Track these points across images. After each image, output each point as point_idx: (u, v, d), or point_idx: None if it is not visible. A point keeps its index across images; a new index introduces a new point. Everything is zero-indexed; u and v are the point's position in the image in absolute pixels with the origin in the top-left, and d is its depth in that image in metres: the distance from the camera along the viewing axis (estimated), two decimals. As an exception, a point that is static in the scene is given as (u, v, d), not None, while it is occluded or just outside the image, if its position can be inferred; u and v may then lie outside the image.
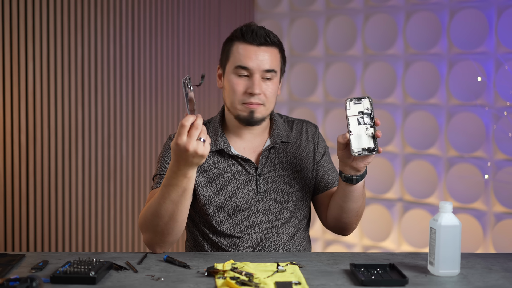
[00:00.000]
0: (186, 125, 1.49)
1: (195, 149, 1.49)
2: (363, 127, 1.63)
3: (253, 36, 1.78)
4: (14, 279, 1.30)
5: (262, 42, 1.78)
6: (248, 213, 1.81)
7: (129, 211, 3.20)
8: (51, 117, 2.82)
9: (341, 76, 3.62)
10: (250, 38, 1.78)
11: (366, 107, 1.63)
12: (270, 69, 1.79)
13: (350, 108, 1.64)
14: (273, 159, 1.86)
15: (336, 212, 1.82)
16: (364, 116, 1.63)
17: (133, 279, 1.46)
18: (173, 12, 3.41)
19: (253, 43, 1.78)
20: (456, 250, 1.50)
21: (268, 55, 1.79)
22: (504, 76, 3.02)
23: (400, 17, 3.41)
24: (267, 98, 1.79)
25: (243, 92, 1.78)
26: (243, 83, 1.78)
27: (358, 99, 1.64)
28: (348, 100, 1.64)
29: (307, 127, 1.95)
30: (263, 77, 1.78)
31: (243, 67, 1.77)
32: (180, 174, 1.55)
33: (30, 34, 2.71)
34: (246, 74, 1.78)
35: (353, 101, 1.64)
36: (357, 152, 1.63)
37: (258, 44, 1.78)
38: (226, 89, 1.82)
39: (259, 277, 1.45)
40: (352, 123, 1.64)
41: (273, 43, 1.81)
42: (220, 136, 1.84)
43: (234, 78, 1.79)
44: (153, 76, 3.31)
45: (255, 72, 1.77)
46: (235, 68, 1.79)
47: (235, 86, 1.78)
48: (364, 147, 1.63)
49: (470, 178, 3.16)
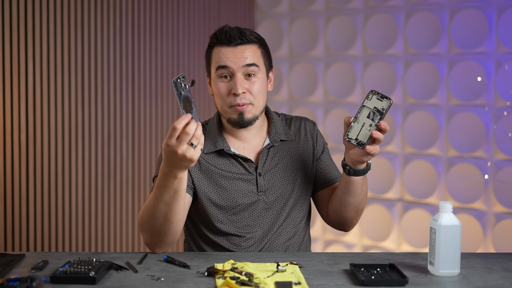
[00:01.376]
0: (178, 128, 1.46)
1: (183, 153, 1.48)
2: (368, 122, 1.63)
3: (228, 38, 1.79)
4: (14, 279, 1.30)
5: (238, 42, 1.80)
6: (249, 212, 1.82)
7: (129, 211, 3.20)
8: (51, 117, 2.82)
9: (341, 76, 3.62)
10: (225, 40, 1.80)
11: (383, 107, 1.63)
12: (250, 63, 1.79)
13: (370, 100, 1.64)
14: (273, 158, 1.87)
15: (336, 205, 1.83)
16: (377, 113, 1.63)
17: (133, 279, 1.46)
18: (173, 12, 3.41)
19: (230, 45, 1.80)
20: (456, 250, 1.50)
21: (247, 51, 1.80)
22: (504, 76, 3.02)
23: (400, 17, 3.41)
24: (254, 96, 1.79)
25: (228, 94, 1.79)
26: (226, 86, 1.79)
27: (382, 96, 1.63)
28: (373, 92, 1.63)
29: (305, 124, 1.95)
30: (245, 74, 1.79)
31: (223, 67, 1.78)
32: (171, 176, 1.54)
33: (30, 34, 2.71)
34: (228, 75, 1.79)
35: (376, 96, 1.63)
36: (347, 138, 1.64)
37: (234, 44, 1.80)
38: (215, 94, 1.84)
39: (259, 277, 1.46)
40: (363, 113, 1.63)
41: (249, 41, 1.81)
42: (218, 136, 1.85)
43: (218, 82, 1.81)
44: (153, 76, 3.31)
45: (235, 71, 1.78)
46: (216, 71, 1.80)
47: (219, 89, 1.80)
48: (357, 137, 1.64)
49: (470, 178, 3.16)
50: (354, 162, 1.69)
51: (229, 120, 1.82)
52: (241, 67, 1.78)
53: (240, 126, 1.81)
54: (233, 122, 1.81)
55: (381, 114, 1.62)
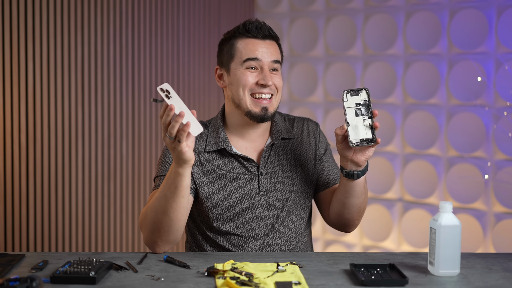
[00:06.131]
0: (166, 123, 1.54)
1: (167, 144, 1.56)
2: (360, 118, 1.63)
3: (258, 30, 1.82)
4: (14, 279, 1.30)
5: (266, 35, 1.82)
6: (250, 212, 1.82)
7: (129, 211, 3.20)
8: (51, 117, 2.82)
9: (341, 76, 3.61)
10: (255, 32, 1.81)
11: (363, 98, 1.63)
12: (276, 59, 1.83)
13: (347, 100, 1.63)
14: (275, 157, 1.86)
15: (338, 208, 1.82)
16: (362, 107, 1.63)
17: (133, 279, 1.46)
18: (173, 12, 3.41)
19: (258, 37, 1.82)
20: (456, 250, 1.50)
21: (273, 47, 1.83)
22: (504, 76, 3.02)
23: (400, 17, 3.41)
24: (277, 89, 1.83)
25: (255, 83, 1.79)
26: (253, 75, 1.80)
27: (355, 90, 1.63)
28: (345, 92, 1.63)
29: (308, 124, 1.95)
30: (271, 68, 1.82)
31: (253, 59, 1.79)
32: (173, 171, 1.60)
33: (30, 34, 2.71)
34: (256, 67, 1.80)
35: (350, 93, 1.63)
36: (355, 143, 1.63)
37: (263, 37, 1.82)
38: (233, 85, 1.82)
39: (259, 277, 1.45)
40: (350, 115, 1.63)
41: (274, 37, 1.86)
42: (221, 135, 1.84)
43: (245, 72, 1.80)
44: (153, 76, 3.31)
45: (264, 64, 1.80)
46: (244, 62, 1.80)
47: (245, 77, 1.79)
48: (362, 138, 1.63)
49: (470, 178, 3.16)
50: (359, 163, 1.69)
51: (249, 113, 1.81)
52: (270, 62, 1.81)
53: (261, 120, 1.81)
54: (254, 115, 1.80)
55: (368, 105, 1.63)
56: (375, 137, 1.62)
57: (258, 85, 1.79)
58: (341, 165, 1.73)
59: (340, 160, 1.73)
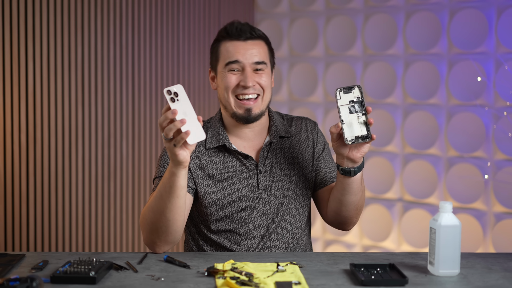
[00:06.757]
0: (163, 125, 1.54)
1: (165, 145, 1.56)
2: (354, 116, 1.64)
3: (238, 32, 1.82)
4: (14, 279, 1.30)
5: (248, 36, 1.82)
6: (250, 210, 1.82)
7: (129, 211, 3.20)
8: (51, 117, 2.82)
9: (341, 76, 3.61)
10: (235, 35, 1.82)
11: (357, 95, 1.64)
12: (260, 61, 1.82)
13: (340, 98, 1.64)
14: (273, 155, 1.87)
15: (335, 206, 1.82)
16: (355, 104, 1.64)
17: (133, 279, 1.46)
18: (173, 12, 3.41)
19: (240, 39, 1.82)
20: (456, 250, 1.50)
21: (256, 48, 1.82)
22: (504, 76, 3.02)
23: (400, 17, 3.41)
24: (263, 88, 1.82)
25: (236, 85, 1.80)
26: (235, 77, 1.81)
27: (348, 88, 1.64)
28: (338, 90, 1.64)
29: (306, 123, 1.96)
30: (255, 69, 1.81)
31: (234, 62, 1.80)
32: (169, 170, 1.60)
33: (30, 34, 2.71)
34: (238, 69, 1.81)
35: (343, 91, 1.64)
36: (350, 141, 1.64)
37: (245, 39, 1.82)
38: (219, 87, 1.85)
39: (259, 277, 1.46)
40: (343, 112, 1.64)
41: (258, 36, 1.85)
42: (221, 132, 1.85)
43: (227, 74, 1.81)
44: (153, 76, 3.31)
45: (246, 66, 1.80)
46: (226, 65, 1.82)
47: (227, 80, 1.81)
48: (357, 135, 1.64)
49: (470, 178, 3.16)
50: (355, 159, 1.69)
51: (234, 114, 1.82)
52: (251, 63, 1.81)
53: (246, 122, 1.82)
54: (239, 117, 1.82)
55: (361, 102, 1.63)
56: (370, 134, 1.63)
57: (240, 87, 1.80)
58: (337, 163, 1.74)
59: (336, 157, 1.74)
